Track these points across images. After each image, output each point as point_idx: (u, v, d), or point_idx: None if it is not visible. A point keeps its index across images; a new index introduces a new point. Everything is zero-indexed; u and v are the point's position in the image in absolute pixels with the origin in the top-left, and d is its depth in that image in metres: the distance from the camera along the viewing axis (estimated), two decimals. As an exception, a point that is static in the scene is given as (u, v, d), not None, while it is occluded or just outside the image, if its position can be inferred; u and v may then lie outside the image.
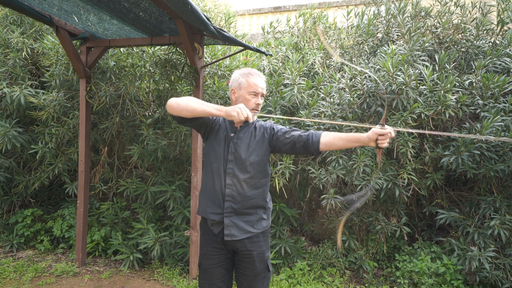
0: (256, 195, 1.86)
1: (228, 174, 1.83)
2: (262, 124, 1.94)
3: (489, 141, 3.10)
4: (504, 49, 3.53)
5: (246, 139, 1.87)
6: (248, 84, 1.87)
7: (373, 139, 1.65)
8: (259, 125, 1.93)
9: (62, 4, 3.04)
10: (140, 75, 3.88)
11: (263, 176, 1.89)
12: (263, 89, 1.91)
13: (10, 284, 3.31)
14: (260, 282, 1.89)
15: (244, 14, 8.81)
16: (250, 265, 1.87)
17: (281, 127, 1.91)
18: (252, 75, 1.89)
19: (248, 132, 1.89)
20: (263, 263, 1.88)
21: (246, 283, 1.89)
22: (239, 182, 1.82)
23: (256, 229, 1.86)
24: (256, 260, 1.86)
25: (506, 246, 3.27)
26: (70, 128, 3.99)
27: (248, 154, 1.84)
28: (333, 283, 3.41)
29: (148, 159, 3.87)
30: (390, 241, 3.74)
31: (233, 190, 1.82)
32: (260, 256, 1.87)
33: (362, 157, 3.23)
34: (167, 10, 2.69)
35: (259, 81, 1.89)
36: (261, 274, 1.88)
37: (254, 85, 1.86)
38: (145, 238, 3.63)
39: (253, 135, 1.89)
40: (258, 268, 1.87)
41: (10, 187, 4.30)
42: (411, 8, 4.13)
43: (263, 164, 1.88)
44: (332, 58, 4.31)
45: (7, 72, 4.07)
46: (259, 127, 1.92)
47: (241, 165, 1.83)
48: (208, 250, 1.90)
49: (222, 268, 1.90)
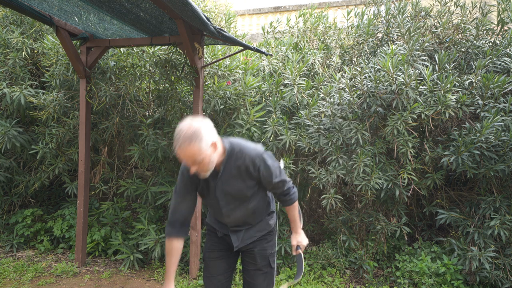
0: (256, 212, 1.86)
1: (222, 207, 1.80)
2: (239, 164, 1.68)
3: (489, 141, 3.09)
4: (504, 49, 3.53)
5: (224, 178, 1.73)
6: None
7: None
8: (235, 166, 1.68)
9: (62, 4, 3.04)
10: (140, 75, 3.88)
11: (255, 198, 1.81)
12: (189, 158, 1.52)
13: (10, 284, 3.31)
14: (262, 278, 1.91)
15: (244, 14, 8.82)
16: (252, 261, 1.92)
17: (270, 177, 1.71)
18: (175, 142, 1.52)
19: (219, 174, 1.72)
20: (264, 259, 1.91)
21: (248, 277, 1.94)
22: (234, 210, 1.80)
23: (261, 232, 1.91)
24: (258, 256, 1.90)
25: (506, 246, 3.27)
26: (70, 128, 3.99)
27: (231, 188, 1.73)
28: (333, 283, 3.41)
29: (148, 159, 3.87)
30: (390, 241, 3.74)
31: (232, 218, 1.83)
32: (261, 252, 1.91)
33: (362, 157, 3.23)
34: (167, 10, 2.69)
35: (180, 152, 1.52)
36: (263, 269, 1.91)
37: (178, 155, 1.54)
38: (146, 239, 3.63)
39: (227, 174, 1.71)
40: (259, 264, 1.90)
41: (10, 187, 4.30)
42: (411, 8, 4.13)
43: (250, 189, 1.76)
44: (332, 58, 4.31)
45: (7, 72, 4.07)
46: (235, 167, 1.69)
47: (229, 199, 1.77)
48: (212, 244, 1.96)
49: (224, 262, 1.93)
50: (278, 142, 3.55)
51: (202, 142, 1.49)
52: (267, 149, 3.53)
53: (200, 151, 1.50)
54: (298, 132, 3.53)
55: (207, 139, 1.52)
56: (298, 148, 3.57)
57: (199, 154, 1.50)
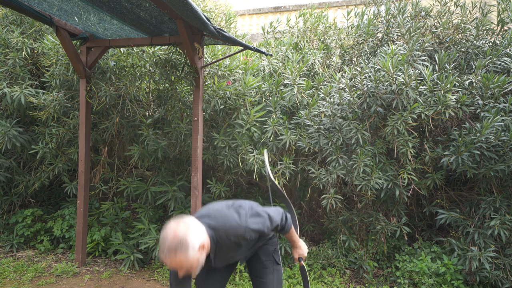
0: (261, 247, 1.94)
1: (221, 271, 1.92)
2: (229, 245, 1.62)
3: (489, 141, 3.09)
4: (504, 49, 3.53)
5: (217, 262, 1.70)
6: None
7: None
8: (226, 247, 1.63)
9: (62, 4, 3.04)
10: (140, 75, 3.88)
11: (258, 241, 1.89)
12: (176, 264, 1.42)
13: (10, 284, 3.30)
14: (271, 275, 1.94)
15: (244, 14, 8.82)
16: (257, 260, 1.96)
17: (263, 234, 1.69)
18: (160, 251, 1.44)
19: (212, 262, 1.65)
20: (268, 255, 1.95)
21: (257, 277, 1.96)
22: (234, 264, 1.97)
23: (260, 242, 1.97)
24: (261, 254, 1.94)
25: (506, 246, 3.27)
26: (70, 128, 3.99)
27: (228, 260, 1.79)
28: (333, 283, 3.41)
29: (148, 159, 3.87)
30: (390, 241, 3.74)
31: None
32: (264, 251, 1.95)
33: (362, 157, 3.23)
34: (167, 10, 2.69)
35: (165, 261, 1.43)
36: (270, 267, 1.95)
37: (164, 262, 1.47)
38: (147, 238, 3.63)
39: (220, 257, 1.68)
40: (264, 261, 1.94)
41: (10, 187, 4.31)
42: (411, 8, 4.13)
43: (247, 251, 1.87)
44: (332, 58, 4.31)
45: (7, 72, 4.07)
46: (226, 248, 1.63)
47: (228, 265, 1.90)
48: (202, 273, 1.89)
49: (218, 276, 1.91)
50: (278, 142, 3.55)
51: (189, 250, 1.39)
52: (267, 149, 3.53)
53: (186, 260, 1.40)
54: (298, 132, 3.53)
55: (195, 245, 1.41)
56: (298, 148, 3.57)
57: (186, 262, 1.41)
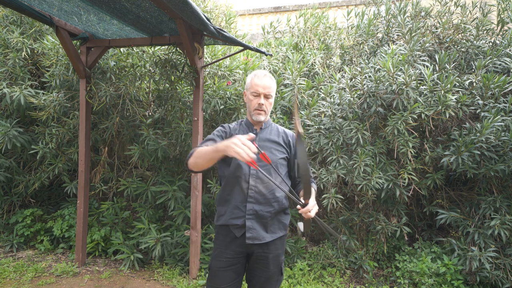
0: (278, 196, 1.84)
1: (252, 176, 1.81)
2: (275, 131, 1.96)
3: (489, 141, 3.09)
4: (504, 49, 3.53)
5: (268, 139, 1.92)
6: (251, 85, 1.87)
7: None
8: (282, 130, 1.98)
9: (62, 4, 3.04)
10: (140, 75, 3.88)
11: (282, 172, 1.87)
12: (266, 88, 1.84)
13: (10, 284, 3.30)
14: (273, 286, 1.86)
15: (244, 14, 8.82)
16: (264, 268, 1.84)
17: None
18: (256, 76, 1.88)
19: (268, 132, 1.93)
20: (277, 266, 1.86)
21: (258, 285, 1.86)
22: (262, 179, 1.82)
23: (280, 232, 1.86)
24: (271, 263, 1.83)
25: (507, 246, 3.27)
26: (70, 128, 3.99)
27: (265, 147, 1.87)
28: (333, 283, 3.40)
29: (148, 159, 3.87)
30: (390, 241, 3.74)
31: (257, 190, 1.80)
32: (275, 259, 1.84)
33: (362, 157, 3.23)
34: (167, 10, 2.69)
35: (260, 82, 1.85)
36: (274, 277, 1.85)
37: (255, 86, 1.84)
38: (147, 238, 3.63)
39: (274, 134, 1.94)
40: (271, 271, 1.84)
41: (10, 187, 4.30)
42: (411, 8, 4.13)
43: (281, 154, 1.90)
44: (332, 58, 4.31)
45: (7, 72, 4.07)
46: (271, 131, 1.95)
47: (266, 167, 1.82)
48: (221, 251, 1.84)
49: (232, 271, 1.83)
50: (278, 142, 3.54)
51: (275, 85, 1.92)
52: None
53: (274, 88, 1.90)
54: (298, 132, 3.53)
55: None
56: (298, 148, 3.57)
57: (273, 90, 1.88)
